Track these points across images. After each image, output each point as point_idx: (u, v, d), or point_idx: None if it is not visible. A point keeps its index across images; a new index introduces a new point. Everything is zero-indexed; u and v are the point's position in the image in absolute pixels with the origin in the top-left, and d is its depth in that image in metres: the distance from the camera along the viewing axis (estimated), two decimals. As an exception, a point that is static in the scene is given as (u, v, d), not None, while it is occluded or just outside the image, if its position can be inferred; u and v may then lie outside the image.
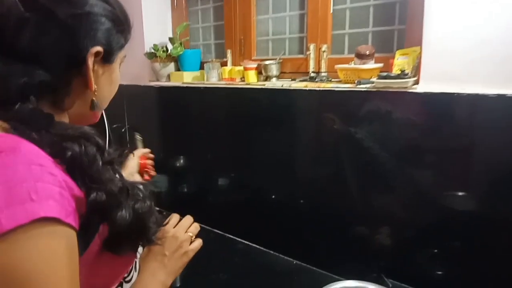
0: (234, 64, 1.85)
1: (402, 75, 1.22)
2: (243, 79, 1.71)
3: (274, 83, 1.58)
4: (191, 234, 0.81)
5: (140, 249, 0.74)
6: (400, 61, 1.29)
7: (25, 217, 0.44)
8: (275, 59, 1.65)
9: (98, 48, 0.58)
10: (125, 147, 0.71)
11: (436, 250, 1.24)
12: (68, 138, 0.53)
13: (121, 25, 0.63)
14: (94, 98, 0.62)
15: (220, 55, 1.99)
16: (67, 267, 0.48)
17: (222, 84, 1.74)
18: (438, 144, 1.19)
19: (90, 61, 0.58)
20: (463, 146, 1.16)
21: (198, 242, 0.81)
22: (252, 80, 1.65)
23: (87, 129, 0.56)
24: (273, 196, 1.64)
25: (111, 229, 0.56)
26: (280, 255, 1.55)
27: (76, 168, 0.52)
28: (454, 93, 1.12)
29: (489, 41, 1.09)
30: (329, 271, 1.40)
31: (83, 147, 0.53)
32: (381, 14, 1.45)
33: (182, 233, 0.80)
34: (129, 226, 0.56)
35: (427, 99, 1.17)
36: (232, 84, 1.71)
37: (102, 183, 0.53)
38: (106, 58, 0.61)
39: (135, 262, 0.74)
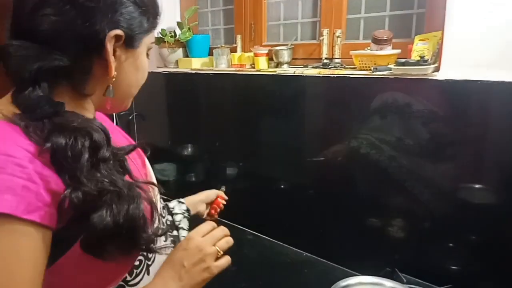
0: (244, 50, 1.79)
1: (422, 61, 1.15)
2: (253, 65, 1.66)
3: (286, 70, 1.52)
4: (218, 249, 0.69)
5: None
6: (420, 47, 1.22)
7: None
8: (287, 44, 1.59)
9: (118, 32, 0.56)
10: (137, 144, 0.66)
11: (451, 244, 1.19)
12: (61, 129, 0.51)
13: (145, 7, 0.59)
14: (110, 84, 0.59)
15: (230, 41, 1.93)
16: (25, 265, 0.46)
17: (232, 70, 1.69)
18: (459, 135, 1.13)
19: (109, 45, 0.55)
20: (486, 136, 1.10)
21: (226, 260, 0.70)
22: (263, 66, 1.60)
23: (91, 124, 0.54)
24: (283, 186, 1.60)
25: (87, 229, 0.51)
26: (291, 247, 1.51)
27: (58, 162, 0.50)
28: (477, 81, 1.06)
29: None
30: (340, 264, 1.36)
31: (70, 141, 0.50)
32: (399, -3, 1.38)
33: (209, 245, 0.68)
34: (112, 229, 0.51)
35: (449, 86, 1.11)
36: (242, 70, 1.66)
37: (81, 182, 0.50)
38: (129, 42, 0.59)
39: (146, 265, 0.68)
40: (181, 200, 1.04)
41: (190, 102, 1.86)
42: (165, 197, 1.05)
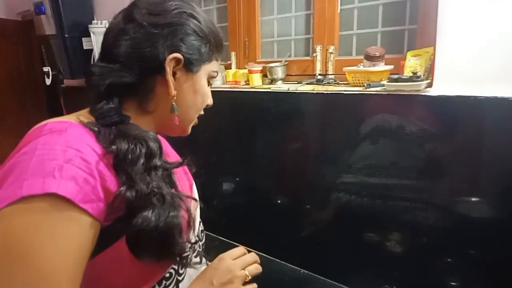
0: (239, 67, 1.80)
1: (415, 77, 1.16)
2: (247, 82, 1.66)
3: (280, 86, 1.53)
4: (247, 273, 0.74)
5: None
6: (412, 63, 1.23)
7: (41, 189, 0.48)
8: (281, 61, 1.60)
9: (177, 55, 0.63)
10: (185, 160, 0.72)
11: (450, 260, 1.18)
12: (124, 136, 0.58)
13: (205, 37, 0.67)
14: (173, 102, 0.66)
15: (224, 58, 1.94)
16: (72, 249, 0.50)
17: (227, 87, 1.69)
18: (453, 150, 1.13)
19: (169, 66, 0.63)
20: (479, 151, 1.10)
21: (253, 286, 0.75)
22: (257, 83, 1.60)
23: (149, 134, 0.62)
24: (279, 202, 1.59)
25: (133, 226, 0.55)
26: (288, 264, 1.50)
27: (119, 163, 0.56)
28: (470, 96, 1.07)
29: (509, 41, 1.03)
30: (338, 281, 1.34)
31: (131, 146, 0.58)
32: (390, 14, 1.40)
33: (239, 268, 0.73)
34: (152, 230, 0.55)
35: (442, 102, 1.12)
36: (237, 87, 1.67)
37: (135, 182, 0.56)
38: (188, 67, 0.66)
39: (176, 279, 0.70)
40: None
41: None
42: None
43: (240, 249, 0.78)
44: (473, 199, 1.13)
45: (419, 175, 1.19)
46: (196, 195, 0.84)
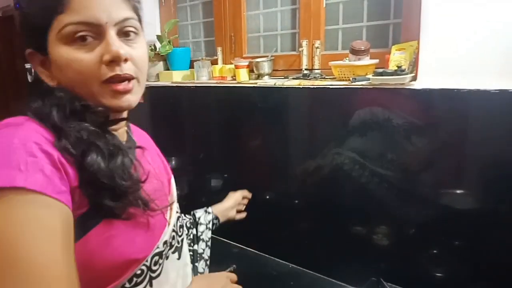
0: (225, 62, 1.79)
1: (399, 71, 1.17)
2: (234, 77, 1.66)
3: (266, 81, 1.52)
4: None
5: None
6: (397, 57, 1.24)
7: (8, 182, 0.46)
8: (267, 56, 1.60)
9: (28, 51, 0.62)
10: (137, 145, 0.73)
11: (436, 251, 1.20)
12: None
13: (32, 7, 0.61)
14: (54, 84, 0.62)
15: (211, 53, 1.93)
16: (58, 237, 0.48)
17: (213, 83, 1.68)
18: (437, 142, 1.15)
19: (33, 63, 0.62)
20: (463, 144, 1.12)
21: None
22: (244, 78, 1.60)
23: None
24: (268, 197, 1.59)
25: (85, 176, 0.54)
26: (276, 259, 1.50)
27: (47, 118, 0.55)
28: (453, 89, 1.08)
29: (491, 34, 1.05)
30: (326, 275, 1.35)
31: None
32: (375, 8, 1.40)
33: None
34: (101, 174, 0.55)
35: (426, 96, 1.13)
36: (223, 82, 1.66)
37: (69, 133, 0.55)
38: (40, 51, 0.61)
39: (149, 276, 0.66)
40: (208, 209, 1.12)
41: (172, 115, 1.84)
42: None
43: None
44: (457, 191, 1.15)
45: (405, 168, 1.21)
46: (174, 193, 0.83)
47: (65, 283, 0.47)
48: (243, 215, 1.26)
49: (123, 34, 0.60)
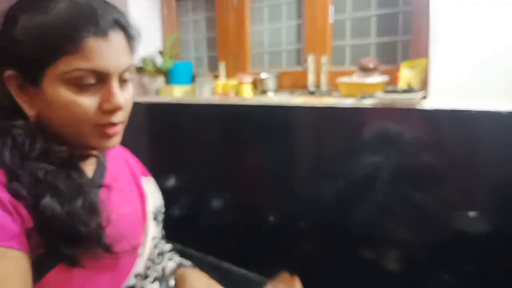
0: (228, 77, 1.75)
1: (410, 89, 1.13)
2: (237, 93, 1.62)
3: (271, 98, 1.48)
4: None
5: None
6: (407, 75, 1.20)
7: None
8: (272, 72, 1.56)
9: (8, 73, 0.55)
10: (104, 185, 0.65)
11: (446, 276, 1.15)
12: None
13: (36, 41, 0.54)
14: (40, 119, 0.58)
15: (213, 69, 1.90)
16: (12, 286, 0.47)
17: (216, 100, 1.64)
18: (447, 165, 1.10)
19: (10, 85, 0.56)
20: (474, 166, 1.07)
21: None
22: (247, 95, 1.56)
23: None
24: (272, 218, 1.53)
25: (40, 220, 0.52)
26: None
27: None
28: (464, 110, 1.03)
29: (503, 51, 1.01)
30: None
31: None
32: (384, 24, 1.37)
33: None
34: (56, 219, 0.52)
35: (436, 116, 1.08)
36: (226, 100, 1.61)
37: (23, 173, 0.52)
38: (28, 79, 0.56)
39: None
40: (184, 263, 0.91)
41: (173, 132, 1.79)
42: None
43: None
44: (468, 213, 1.10)
45: (415, 189, 1.16)
46: (149, 214, 0.77)
47: None
48: None
49: (121, 81, 0.60)
